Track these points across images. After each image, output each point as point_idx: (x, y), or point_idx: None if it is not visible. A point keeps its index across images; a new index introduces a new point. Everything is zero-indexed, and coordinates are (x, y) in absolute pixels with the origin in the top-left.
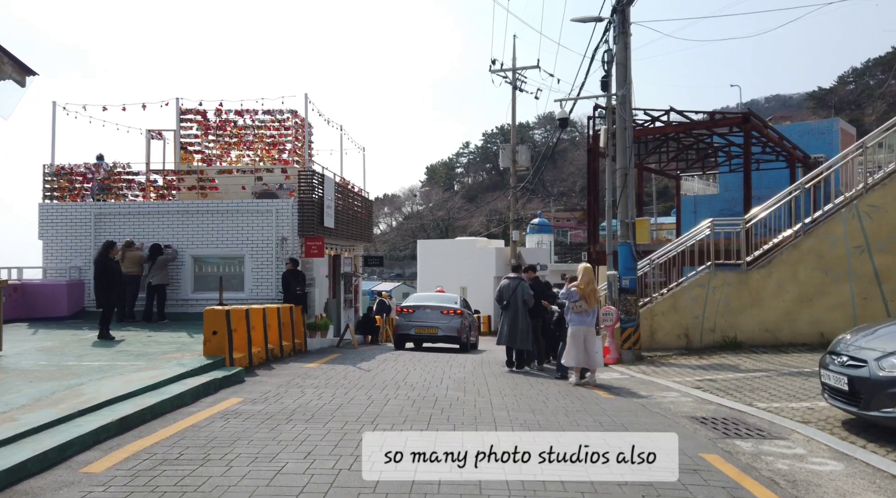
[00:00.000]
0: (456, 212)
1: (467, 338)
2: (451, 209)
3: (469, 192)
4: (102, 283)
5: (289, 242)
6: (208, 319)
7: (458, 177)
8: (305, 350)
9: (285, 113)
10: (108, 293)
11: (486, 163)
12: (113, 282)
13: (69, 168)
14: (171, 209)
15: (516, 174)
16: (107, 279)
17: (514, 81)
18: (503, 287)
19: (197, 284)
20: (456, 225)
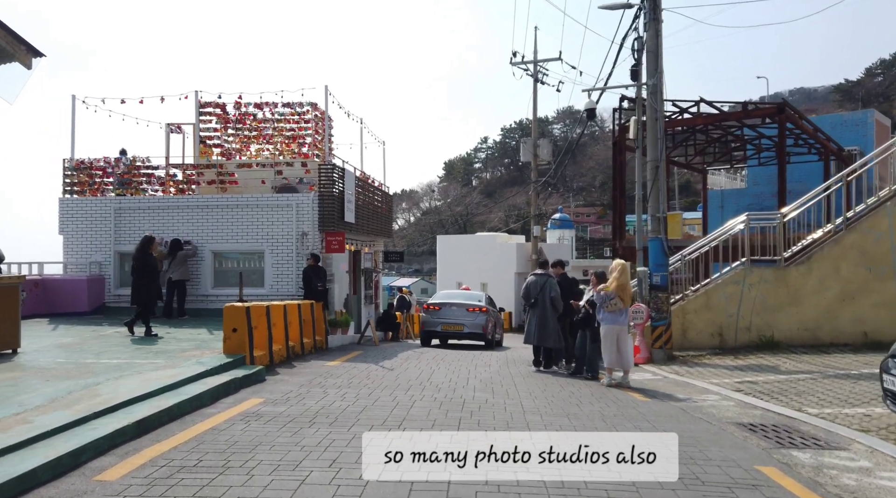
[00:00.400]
0: (474, 207)
1: (493, 335)
2: (470, 205)
3: (487, 187)
4: (143, 278)
5: (309, 238)
6: (228, 317)
7: (477, 172)
8: (326, 347)
9: (305, 105)
10: (149, 289)
11: (505, 158)
12: (153, 277)
13: (89, 162)
14: (190, 204)
15: (537, 168)
16: (147, 275)
17: (535, 74)
18: (530, 284)
19: (217, 279)
20: (474, 221)
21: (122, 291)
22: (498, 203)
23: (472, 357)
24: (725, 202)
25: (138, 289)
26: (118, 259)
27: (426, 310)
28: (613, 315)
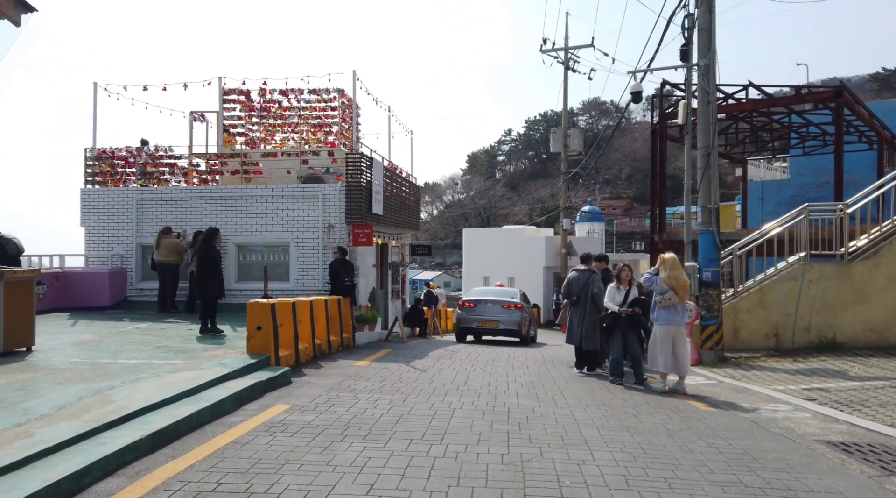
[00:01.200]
0: (498, 200)
1: (527, 332)
2: (493, 198)
3: (511, 180)
4: (206, 272)
5: (336, 230)
6: (252, 314)
7: (500, 165)
8: (354, 345)
9: (332, 92)
10: (213, 284)
11: (529, 150)
12: (217, 271)
13: (111, 152)
14: (213, 195)
15: (567, 159)
16: (211, 268)
17: (566, 61)
18: (572, 280)
19: (241, 273)
20: (498, 214)
21: (144, 284)
22: (522, 196)
23: (507, 356)
24: (766, 194)
25: (203, 283)
26: (140, 252)
27: (461, 306)
28: (669, 313)
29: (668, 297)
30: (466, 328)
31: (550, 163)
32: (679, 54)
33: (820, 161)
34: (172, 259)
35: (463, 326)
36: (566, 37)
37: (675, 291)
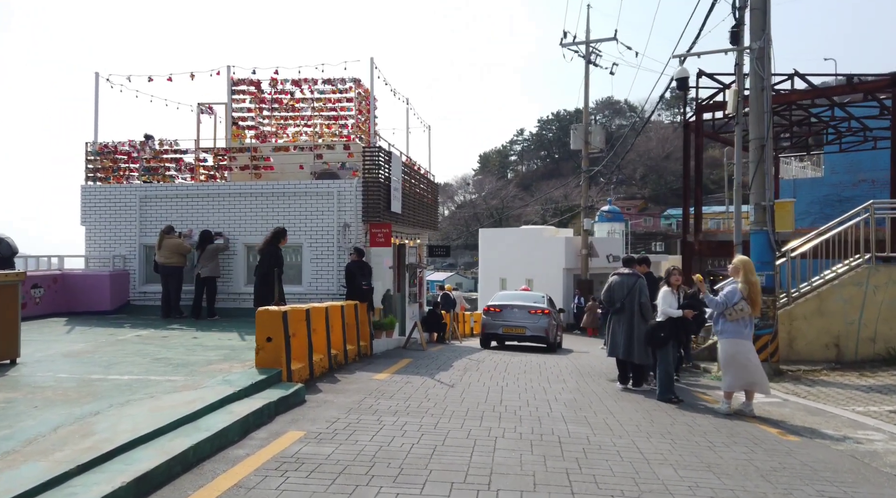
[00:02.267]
0: (510, 201)
1: (555, 338)
2: (505, 198)
3: (523, 180)
4: (271, 276)
5: (351, 229)
6: (262, 323)
7: (512, 165)
8: (371, 353)
9: (347, 82)
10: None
11: (541, 150)
12: (280, 274)
13: (113, 146)
14: (221, 192)
15: (588, 157)
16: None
17: (587, 55)
18: (614, 285)
19: (251, 275)
20: (510, 214)
21: (147, 287)
22: (534, 196)
23: (537, 366)
24: (798, 192)
25: (263, 289)
26: (143, 252)
27: (486, 312)
28: (737, 326)
29: (740, 308)
30: (492, 334)
31: (563, 163)
32: (729, 37)
33: (856, 158)
34: (175, 261)
35: (488, 332)
36: (587, 30)
37: (750, 301)
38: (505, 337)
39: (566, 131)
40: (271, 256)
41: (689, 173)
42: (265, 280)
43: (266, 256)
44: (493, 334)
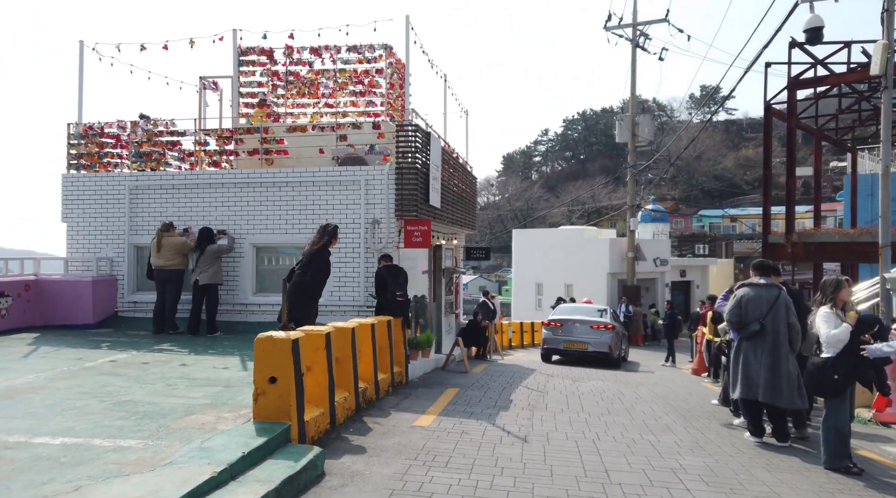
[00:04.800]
0: (534, 202)
1: (619, 353)
2: (530, 199)
3: (548, 181)
4: (316, 289)
5: (382, 226)
6: (262, 358)
7: (536, 166)
8: (406, 381)
9: (377, 49)
10: (314, 304)
11: (566, 151)
12: (320, 288)
13: (99, 127)
14: (226, 180)
15: (635, 150)
16: (321, 283)
17: (634, 38)
18: (748, 301)
19: (260, 282)
20: (535, 216)
21: (138, 296)
22: (560, 197)
23: (617, 398)
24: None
25: (304, 302)
26: (134, 254)
27: (547, 326)
28: None
29: None
30: (552, 349)
31: (590, 163)
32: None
33: None
34: (176, 263)
35: (548, 347)
36: (634, 11)
37: None
38: (566, 352)
39: (592, 131)
40: (324, 262)
41: (770, 163)
42: (305, 290)
43: (317, 261)
44: (554, 349)
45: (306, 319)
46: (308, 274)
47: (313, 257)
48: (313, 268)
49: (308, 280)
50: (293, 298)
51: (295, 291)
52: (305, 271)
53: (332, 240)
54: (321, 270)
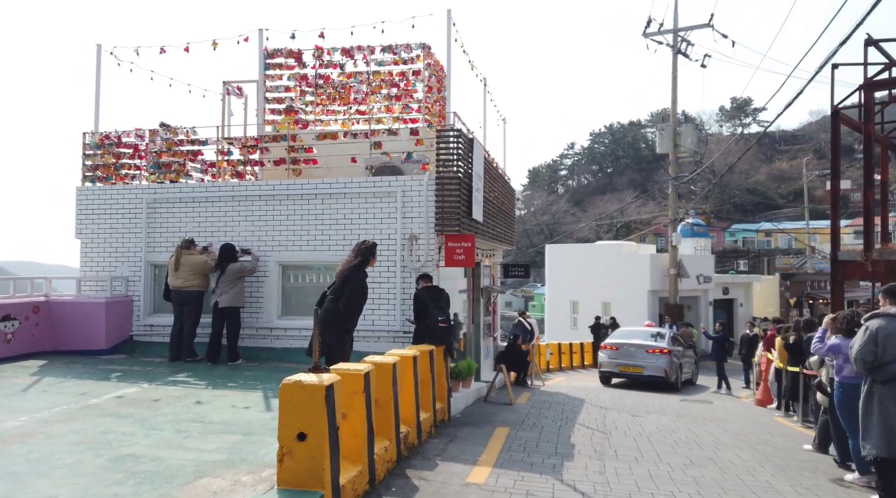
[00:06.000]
0: (561, 216)
1: (677, 378)
2: (556, 214)
3: (574, 196)
4: (350, 317)
5: (421, 242)
6: (289, 408)
7: (562, 179)
8: (449, 418)
9: (414, 49)
10: (349, 336)
11: (593, 165)
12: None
13: (116, 137)
14: (250, 193)
15: (677, 162)
16: (357, 311)
17: (675, 44)
18: (886, 335)
19: (286, 304)
20: (561, 230)
21: (155, 319)
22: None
23: (694, 442)
24: None
25: (335, 332)
26: (151, 273)
27: (603, 349)
28: None
29: None
30: (609, 373)
31: (617, 177)
32: None
33: None
34: (196, 284)
35: (605, 370)
36: (675, 16)
37: None
38: (622, 376)
39: (619, 144)
40: (359, 285)
41: (838, 173)
42: (337, 319)
43: (352, 284)
44: (610, 373)
45: (340, 354)
46: (341, 300)
47: (347, 280)
48: (347, 292)
49: (341, 307)
50: (324, 329)
51: (326, 319)
52: (338, 296)
53: (369, 259)
54: (356, 294)
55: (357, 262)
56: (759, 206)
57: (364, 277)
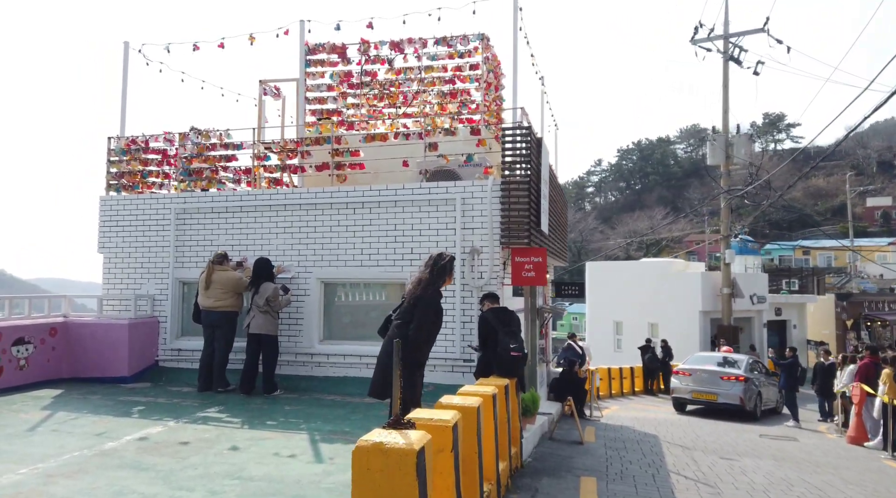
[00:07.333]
0: (588, 234)
1: (756, 406)
2: (584, 231)
3: (602, 213)
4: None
5: (484, 257)
6: (364, 484)
7: (589, 196)
8: (522, 464)
9: (471, 40)
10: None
11: (620, 181)
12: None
13: (143, 141)
14: (290, 201)
15: (730, 174)
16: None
17: (726, 50)
18: None
19: (328, 328)
20: (589, 248)
21: (183, 342)
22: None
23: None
24: None
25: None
26: (179, 291)
27: (675, 375)
28: None
29: None
30: (682, 399)
31: (646, 194)
32: None
33: None
34: (229, 304)
35: (677, 397)
36: (726, 21)
37: None
38: (695, 402)
39: (647, 161)
40: (434, 309)
41: None
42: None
43: (425, 308)
44: (683, 400)
45: (410, 396)
46: (411, 326)
47: (419, 301)
48: (419, 317)
49: (411, 335)
50: (386, 362)
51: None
52: (406, 321)
53: (445, 277)
54: (429, 319)
55: (432, 279)
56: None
57: (439, 299)
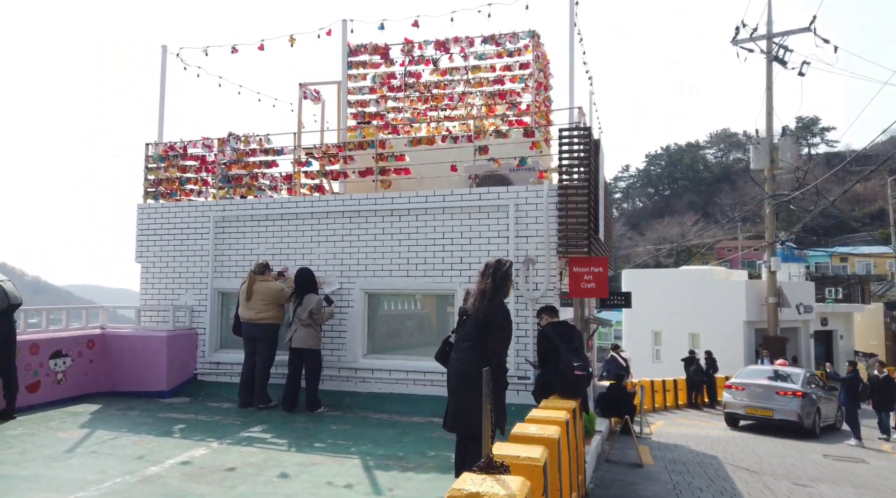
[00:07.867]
0: (617, 240)
1: (814, 423)
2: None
3: (630, 219)
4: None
5: (540, 267)
6: None
7: (616, 202)
8: (587, 493)
9: (521, 38)
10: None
11: (648, 187)
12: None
13: (181, 147)
14: (332, 209)
15: (775, 178)
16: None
17: (769, 50)
18: None
19: (373, 341)
20: (618, 255)
21: (222, 355)
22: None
23: None
24: None
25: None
26: (219, 302)
27: (728, 389)
28: None
29: None
30: (734, 414)
31: (675, 200)
32: None
33: None
34: (271, 316)
35: (729, 412)
36: (769, 21)
37: None
38: (749, 418)
39: (676, 166)
40: (506, 322)
41: None
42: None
43: (497, 321)
44: (736, 415)
45: (501, 423)
46: (490, 345)
47: (490, 317)
48: (494, 333)
49: (494, 359)
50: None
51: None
52: (478, 341)
53: (508, 284)
54: (507, 337)
55: (495, 289)
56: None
57: (508, 312)
